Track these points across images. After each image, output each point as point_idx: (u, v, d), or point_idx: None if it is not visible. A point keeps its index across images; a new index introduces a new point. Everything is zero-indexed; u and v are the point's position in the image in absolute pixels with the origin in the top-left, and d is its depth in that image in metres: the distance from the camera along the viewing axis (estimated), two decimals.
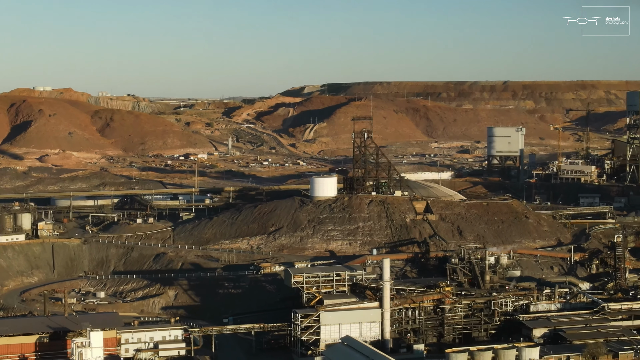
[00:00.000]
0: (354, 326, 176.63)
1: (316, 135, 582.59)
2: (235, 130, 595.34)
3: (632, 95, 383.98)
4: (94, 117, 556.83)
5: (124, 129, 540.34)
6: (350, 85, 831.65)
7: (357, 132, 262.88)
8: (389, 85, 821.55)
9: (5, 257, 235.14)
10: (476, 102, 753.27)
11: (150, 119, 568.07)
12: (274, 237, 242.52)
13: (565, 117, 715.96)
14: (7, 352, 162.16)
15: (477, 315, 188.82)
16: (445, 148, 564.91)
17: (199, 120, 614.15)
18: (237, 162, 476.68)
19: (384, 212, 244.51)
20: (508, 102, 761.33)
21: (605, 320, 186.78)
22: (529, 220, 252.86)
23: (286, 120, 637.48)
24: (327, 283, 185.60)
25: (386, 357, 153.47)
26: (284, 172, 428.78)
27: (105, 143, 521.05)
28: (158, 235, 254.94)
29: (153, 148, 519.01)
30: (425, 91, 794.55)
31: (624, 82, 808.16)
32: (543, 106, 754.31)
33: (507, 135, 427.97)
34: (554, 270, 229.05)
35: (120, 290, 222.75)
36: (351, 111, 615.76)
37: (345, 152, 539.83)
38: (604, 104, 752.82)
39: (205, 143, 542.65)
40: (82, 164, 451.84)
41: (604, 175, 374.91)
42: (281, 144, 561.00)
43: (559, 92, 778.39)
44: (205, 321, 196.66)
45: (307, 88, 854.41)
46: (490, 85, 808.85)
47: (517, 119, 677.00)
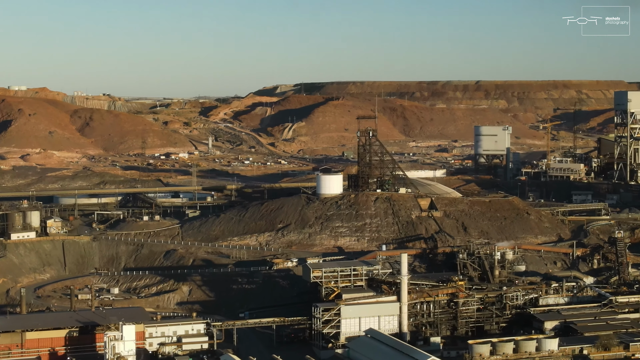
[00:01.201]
0: (373, 319, 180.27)
1: (295, 135, 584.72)
2: (213, 130, 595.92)
3: (620, 94, 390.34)
4: (73, 116, 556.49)
5: (104, 129, 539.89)
6: (324, 85, 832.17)
7: (361, 130, 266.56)
8: (362, 84, 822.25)
9: (18, 254, 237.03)
10: (449, 102, 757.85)
11: (129, 118, 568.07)
12: (282, 234, 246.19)
13: (537, 117, 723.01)
14: (38, 345, 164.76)
15: (489, 308, 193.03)
16: (423, 147, 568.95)
17: (176, 120, 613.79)
18: (218, 161, 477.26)
19: (390, 209, 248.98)
20: (481, 102, 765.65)
21: (613, 313, 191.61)
22: (531, 216, 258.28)
23: (264, 119, 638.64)
24: (344, 278, 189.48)
25: (412, 348, 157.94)
26: (267, 171, 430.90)
27: (86, 142, 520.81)
28: (166, 232, 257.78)
29: (133, 147, 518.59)
30: (398, 91, 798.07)
31: (594, 82, 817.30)
32: (516, 105, 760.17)
33: (494, 134, 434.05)
34: (557, 265, 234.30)
35: (134, 286, 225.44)
36: (329, 110, 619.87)
37: (324, 151, 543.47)
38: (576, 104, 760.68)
39: (185, 142, 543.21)
40: (64, 163, 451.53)
41: (592, 173, 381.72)
42: (260, 143, 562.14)
43: (531, 92, 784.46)
44: (221, 316, 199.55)
45: (280, 87, 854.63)
46: (463, 84, 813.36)
47: (493, 118, 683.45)
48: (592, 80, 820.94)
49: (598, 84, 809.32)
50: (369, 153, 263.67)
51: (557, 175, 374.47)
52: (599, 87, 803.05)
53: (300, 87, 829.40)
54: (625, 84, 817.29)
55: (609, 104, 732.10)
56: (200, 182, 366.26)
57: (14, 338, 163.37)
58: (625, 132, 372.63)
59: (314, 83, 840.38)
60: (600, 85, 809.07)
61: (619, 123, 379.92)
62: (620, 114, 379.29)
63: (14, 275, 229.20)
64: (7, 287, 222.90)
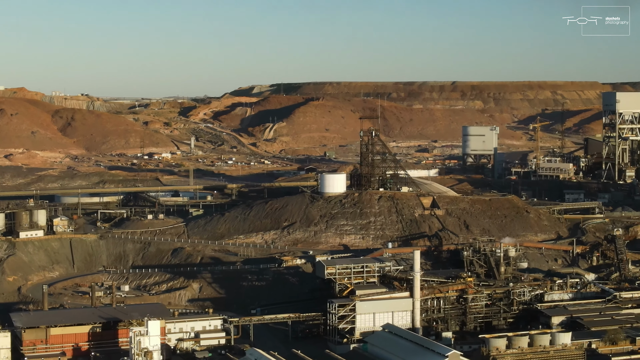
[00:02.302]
0: (386, 315, 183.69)
1: (276, 135, 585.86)
2: (194, 130, 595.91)
3: (608, 95, 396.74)
4: (54, 116, 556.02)
5: (86, 129, 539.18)
6: (301, 85, 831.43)
7: (364, 130, 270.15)
8: (339, 85, 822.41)
9: (27, 252, 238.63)
10: (426, 102, 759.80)
11: (111, 119, 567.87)
12: (288, 232, 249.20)
13: (513, 117, 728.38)
14: (62, 341, 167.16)
15: (497, 304, 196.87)
16: (403, 147, 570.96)
17: (156, 120, 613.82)
18: (201, 161, 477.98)
19: (394, 207, 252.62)
20: (457, 102, 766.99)
21: (617, 309, 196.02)
22: (530, 215, 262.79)
23: (244, 119, 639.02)
24: (357, 274, 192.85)
25: (431, 342, 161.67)
26: (252, 171, 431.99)
27: (68, 142, 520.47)
28: (172, 230, 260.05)
29: (115, 147, 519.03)
30: (375, 91, 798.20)
31: (569, 83, 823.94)
32: (492, 106, 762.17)
33: (481, 134, 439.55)
34: (558, 263, 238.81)
35: (143, 283, 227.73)
36: (310, 111, 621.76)
37: (306, 151, 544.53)
38: (551, 104, 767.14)
39: (167, 142, 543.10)
40: (48, 163, 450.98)
41: (580, 172, 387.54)
42: (242, 143, 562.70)
43: (506, 93, 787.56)
44: (233, 312, 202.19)
45: (256, 88, 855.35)
46: (439, 85, 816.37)
47: (472, 118, 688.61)
48: (566, 81, 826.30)
49: (573, 85, 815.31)
50: (371, 152, 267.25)
51: (547, 174, 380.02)
52: (574, 88, 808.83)
53: (276, 88, 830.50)
54: (599, 84, 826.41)
55: (583, 105, 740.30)
56: (185, 181, 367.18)
57: (38, 334, 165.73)
58: (613, 132, 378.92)
59: (291, 83, 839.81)
60: (575, 86, 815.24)
61: (607, 123, 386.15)
62: (608, 115, 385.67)
63: (24, 273, 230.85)
64: (18, 285, 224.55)
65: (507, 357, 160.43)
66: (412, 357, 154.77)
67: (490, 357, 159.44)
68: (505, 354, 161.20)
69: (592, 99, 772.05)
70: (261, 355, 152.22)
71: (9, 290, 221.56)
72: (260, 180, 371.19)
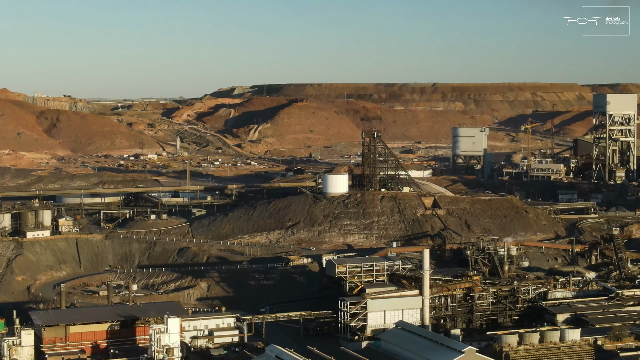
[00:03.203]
0: (397, 313, 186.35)
1: (261, 136, 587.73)
2: (178, 131, 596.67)
3: (599, 97, 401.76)
4: (39, 117, 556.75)
5: (71, 130, 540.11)
6: (282, 87, 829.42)
7: (366, 131, 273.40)
8: (320, 86, 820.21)
9: (34, 252, 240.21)
10: (407, 104, 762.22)
11: (96, 120, 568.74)
12: (292, 232, 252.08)
13: (494, 118, 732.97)
14: (81, 339, 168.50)
15: (502, 302, 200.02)
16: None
17: (140, 121, 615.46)
18: (187, 162, 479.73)
19: (396, 207, 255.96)
20: (438, 104, 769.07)
21: (620, 306, 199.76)
22: (529, 214, 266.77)
23: (228, 121, 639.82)
24: (367, 273, 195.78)
25: (446, 338, 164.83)
26: (240, 172, 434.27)
27: (54, 143, 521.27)
28: (176, 230, 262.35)
29: (101, 148, 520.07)
30: (356, 93, 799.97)
31: (549, 85, 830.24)
32: (472, 107, 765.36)
33: (471, 136, 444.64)
34: (557, 261, 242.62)
35: (151, 283, 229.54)
36: (294, 112, 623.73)
37: (291, 152, 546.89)
38: (531, 106, 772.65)
39: (152, 143, 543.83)
40: (35, 164, 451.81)
41: (571, 173, 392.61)
42: (227, 145, 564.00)
43: (486, 94, 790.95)
44: (241, 311, 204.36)
45: (237, 89, 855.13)
46: (420, 87, 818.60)
47: (454, 120, 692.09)
48: (546, 83, 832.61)
49: (552, 87, 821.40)
50: (373, 153, 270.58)
51: (538, 175, 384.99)
52: (553, 90, 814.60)
53: (257, 89, 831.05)
54: (578, 86, 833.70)
55: (563, 107, 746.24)
56: (177, 182, 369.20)
57: (58, 332, 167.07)
58: (604, 133, 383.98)
59: (272, 85, 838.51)
60: (554, 87, 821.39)
61: (598, 125, 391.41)
62: (598, 116, 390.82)
63: (32, 273, 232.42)
64: (27, 284, 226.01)
65: (519, 353, 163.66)
66: (427, 354, 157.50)
67: (503, 353, 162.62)
68: (517, 350, 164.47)
69: (571, 100, 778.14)
70: (282, 351, 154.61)
71: (18, 289, 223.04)
72: (249, 181, 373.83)
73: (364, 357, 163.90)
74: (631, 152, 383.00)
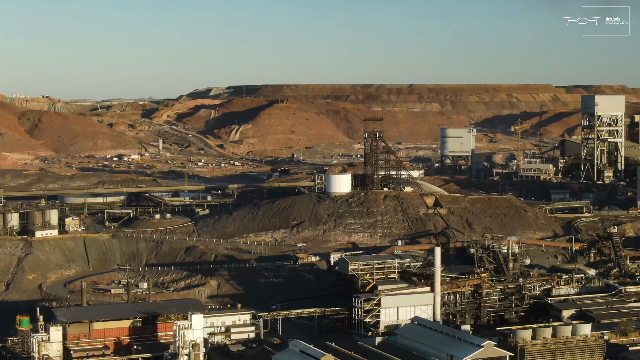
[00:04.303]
0: (409, 309, 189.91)
1: (242, 137, 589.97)
2: (159, 132, 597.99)
3: (587, 98, 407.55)
4: (21, 118, 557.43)
5: (53, 130, 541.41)
6: (259, 88, 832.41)
7: (369, 132, 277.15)
8: (297, 87, 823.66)
9: (43, 251, 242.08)
10: (384, 105, 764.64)
11: (78, 120, 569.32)
12: (297, 231, 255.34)
13: (470, 119, 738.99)
14: (104, 335, 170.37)
15: (509, 298, 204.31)
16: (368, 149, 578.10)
17: (121, 122, 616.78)
18: (170, 162, 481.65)
19: (399, 206, 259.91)
20: (415, 105, 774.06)
21: (622, 302, 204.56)
22: (528, 213, 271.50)
23: (208, 121, 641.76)
24: (379, 270, 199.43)
25: (463, 333, 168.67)
26: (225, 172, 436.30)
27: (36, 144, 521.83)
28: (182, 229, 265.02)
29: (84, 149, 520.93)
30: (333, 94, 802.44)
31: (524, 86, 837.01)
32: (449, 108, 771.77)
33: (459, 136, 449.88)
34: (557, 259, 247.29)
35: (161, 281, 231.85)
36: (275, 113, 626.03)
37: (272, 152, 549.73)
38: (507, 107, 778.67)
39: (134, 144, 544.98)
40: (19, 164, 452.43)
41: (559, 173, 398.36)
42: (209, 145, 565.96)
43: (463, 95, 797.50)
44: (252, 308, 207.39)
45: (214, 90, 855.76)
46: (396, 88, 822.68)
47: (433, 120, 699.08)
48: (521, 84, 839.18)
49: (527, 88, 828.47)
50: (375, 153, 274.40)
51: (528, 175, 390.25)
52: (528, 91, 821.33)
53: (234, 90, 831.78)
54: (553, 87, 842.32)
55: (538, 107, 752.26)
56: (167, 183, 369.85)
57: (82, 328, 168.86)
58: (592, 134, 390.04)
59: (249, 86, 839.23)
60: (529, 89, 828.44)
61: (586, 125, 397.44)
62: (587, 117, 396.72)
63: (42, 272, 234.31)
64: (38, 283, 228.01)
65: (533, 347, 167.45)
66: (446, 348, 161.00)
67: (518, 348, 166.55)
68: (531, 344, 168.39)
69: (546, 101, 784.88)
70: (306, 346, 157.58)
71: (30, 288, 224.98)
72: (236, 181, 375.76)
73: (383, 352, 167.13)
74: (619, 153, 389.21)
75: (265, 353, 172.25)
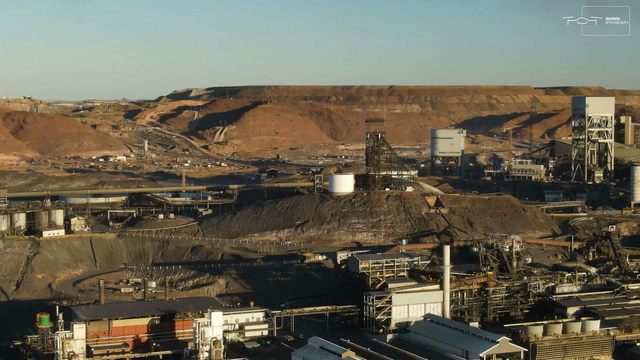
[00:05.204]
0: (419, 306, 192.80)
1: (227, 138, 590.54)
2: (142, 133, 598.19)
3: (577, 100, 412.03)
4: (6, 119, 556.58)
5: (38, 131, 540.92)
6: (240, 89, 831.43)
7: (371, 133, 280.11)
8: (277, 89, 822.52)
9: (51, 251, 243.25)
10: (365, 106, 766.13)
11: (63, 122, 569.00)
12: (301, 230, 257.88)
13: (450, 121, 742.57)
14: (124, 333, 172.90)
15: (514, 296, 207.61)
16: (353, 150, 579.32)
17: (105, 123, 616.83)
18: (156, 163, 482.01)
19: (402, 206, 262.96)
20: (395, 106, 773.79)
21: (625, 299, 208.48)
22: (527, 213, 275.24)
23: (192, 122, 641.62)
24: (388, 268, 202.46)
25: (476, 329, 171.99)
26: (213, 173, 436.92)
27: (21, 145, 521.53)
28: (186, 229, 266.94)
29: (69, 150, 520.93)
30: (314, 95, 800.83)
31: (503, 87, 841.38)
32: (429, 110, 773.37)
33: (449, 137, 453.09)
34: (557, 258, 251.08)
35: (168, 280, 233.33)
36: (259, 114, 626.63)
37: (257, 153, 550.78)
38: (487, 108, 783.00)
39: (120, 145, 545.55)
40: (6, 165, 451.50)
41: (550, 174, 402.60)
42: (193, 146, 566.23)
43: (443, 97, 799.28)
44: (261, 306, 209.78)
45: (194, 91, 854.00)
46: (377, 89, 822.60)
47: (415, 122, 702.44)
48: (500, 86, 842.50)
49: (506, 89, 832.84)
50: (377, 154, 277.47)
51: (520, 175, 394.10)
52: (507, 92, 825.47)
53: (214, 91, 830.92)
54: (532, 89, 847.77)
55: (517, 109, 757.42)
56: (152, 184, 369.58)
57: (101, 326, 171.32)
58: (582, 135, 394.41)
59: (229, 87, 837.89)
60: (508, 90, 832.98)
61: (577, 127, 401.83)
62: (577, 118, 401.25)
63: (51, 271, 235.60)
64: (47, 282, 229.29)
65: (545, 343, 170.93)
66: (461, 344, 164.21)
67: (530, 343, 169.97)
68: (542, 340, 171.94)
69: (525, 103, 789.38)
70: (325, 342, 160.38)
71: (40, 287, 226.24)
72: (224, 181, 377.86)
73: (399, 348, 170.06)
74: (609, 153, 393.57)
75: (283, 349, 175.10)
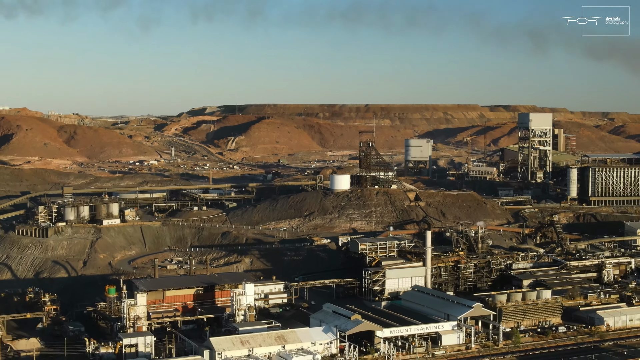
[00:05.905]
0: (407, 279, 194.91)
1: (237, 146, 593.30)
2: (169, 142, 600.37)
3: (523, 116, 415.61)
4: (60, 131, 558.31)
5: (86, 141, 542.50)
6: (245, 107, 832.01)
7: (363, 142, 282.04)
8: (276, 106, 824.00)
9: (110, 236, 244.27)
10: (346, 120, 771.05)
11: (106, 133, 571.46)
12: (309, 219, 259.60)
13: (415, 132, 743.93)
14: (174, 300, 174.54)
15: (480, 271, 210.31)
16: (339, 156, 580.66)
17: (139, 134, 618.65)
18: (182, 167, 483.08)
19: (388, 200, 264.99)
20: (370, 121, 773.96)
21: (568, 274, 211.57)
22: (487, 205, 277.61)
23: (209, 134, 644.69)
24: (382, 249, 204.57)
25: (454, 297, 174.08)
26: (228, 174, 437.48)
27: (73, 152, 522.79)
28: (217, 219, 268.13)
29: (111, 156, 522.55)
30: (305, 111, 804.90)
31: (456, 105, 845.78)
32: (397, 124, 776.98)
33: (419, 145, 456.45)
34: (512, 241, 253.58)
35: (204, 259, 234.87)
36: (263, 127, 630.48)
37: (262, 159, 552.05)
38: (443, 122, 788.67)
39: (152, 152, 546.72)
40: (61, 168, 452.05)
41: (500, 175, 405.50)
42: (211, 153, 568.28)
43: (408, 113, 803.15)
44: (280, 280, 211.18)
45: (208, 108, 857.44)
46: (355, 107, 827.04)
47: (389, 133, 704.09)
48: (454, 104, 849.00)
49: (459, 107, 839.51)
50: (368, 158, 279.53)
51: (477, 176, 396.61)
52: (460, 110, 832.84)
53: (224, 108, 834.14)
54: (479, 107, 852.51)
55: (468, 123, 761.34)
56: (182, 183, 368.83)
57: (157, 295, 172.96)
58: (526, 143, 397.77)
59: (238, 105, 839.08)
60: (460, 108, 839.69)
61: (522, 137, 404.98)
62: (522, 130, 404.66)
63: (110, 252, 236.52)
64: (108, 261, 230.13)
65: (508, 308, 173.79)
66: (444, 309, 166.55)
67: (497, 308, 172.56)
68: (507, 305, 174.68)
69: (474, 117, 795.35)
70: (337, 307, 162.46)
71: (101, 265, 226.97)
72: (238, 181, 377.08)
73: (393, 312, 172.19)
74: (548, 158, 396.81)
75: (302, 313, 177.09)
